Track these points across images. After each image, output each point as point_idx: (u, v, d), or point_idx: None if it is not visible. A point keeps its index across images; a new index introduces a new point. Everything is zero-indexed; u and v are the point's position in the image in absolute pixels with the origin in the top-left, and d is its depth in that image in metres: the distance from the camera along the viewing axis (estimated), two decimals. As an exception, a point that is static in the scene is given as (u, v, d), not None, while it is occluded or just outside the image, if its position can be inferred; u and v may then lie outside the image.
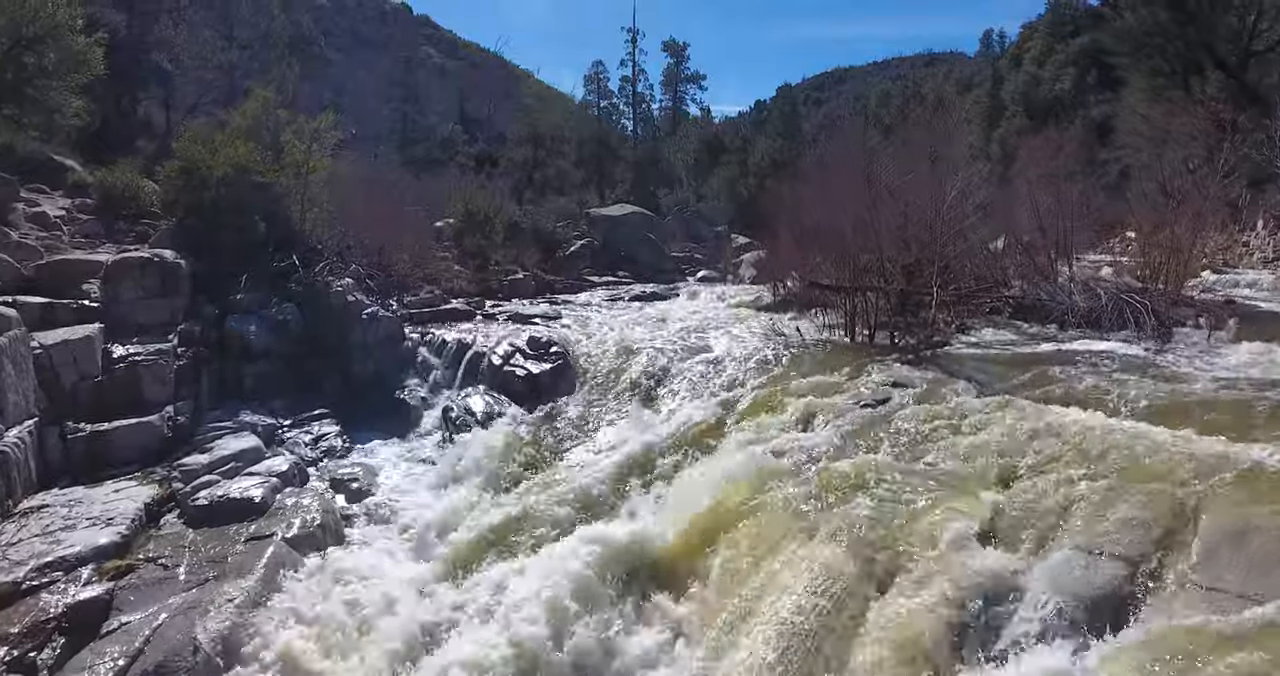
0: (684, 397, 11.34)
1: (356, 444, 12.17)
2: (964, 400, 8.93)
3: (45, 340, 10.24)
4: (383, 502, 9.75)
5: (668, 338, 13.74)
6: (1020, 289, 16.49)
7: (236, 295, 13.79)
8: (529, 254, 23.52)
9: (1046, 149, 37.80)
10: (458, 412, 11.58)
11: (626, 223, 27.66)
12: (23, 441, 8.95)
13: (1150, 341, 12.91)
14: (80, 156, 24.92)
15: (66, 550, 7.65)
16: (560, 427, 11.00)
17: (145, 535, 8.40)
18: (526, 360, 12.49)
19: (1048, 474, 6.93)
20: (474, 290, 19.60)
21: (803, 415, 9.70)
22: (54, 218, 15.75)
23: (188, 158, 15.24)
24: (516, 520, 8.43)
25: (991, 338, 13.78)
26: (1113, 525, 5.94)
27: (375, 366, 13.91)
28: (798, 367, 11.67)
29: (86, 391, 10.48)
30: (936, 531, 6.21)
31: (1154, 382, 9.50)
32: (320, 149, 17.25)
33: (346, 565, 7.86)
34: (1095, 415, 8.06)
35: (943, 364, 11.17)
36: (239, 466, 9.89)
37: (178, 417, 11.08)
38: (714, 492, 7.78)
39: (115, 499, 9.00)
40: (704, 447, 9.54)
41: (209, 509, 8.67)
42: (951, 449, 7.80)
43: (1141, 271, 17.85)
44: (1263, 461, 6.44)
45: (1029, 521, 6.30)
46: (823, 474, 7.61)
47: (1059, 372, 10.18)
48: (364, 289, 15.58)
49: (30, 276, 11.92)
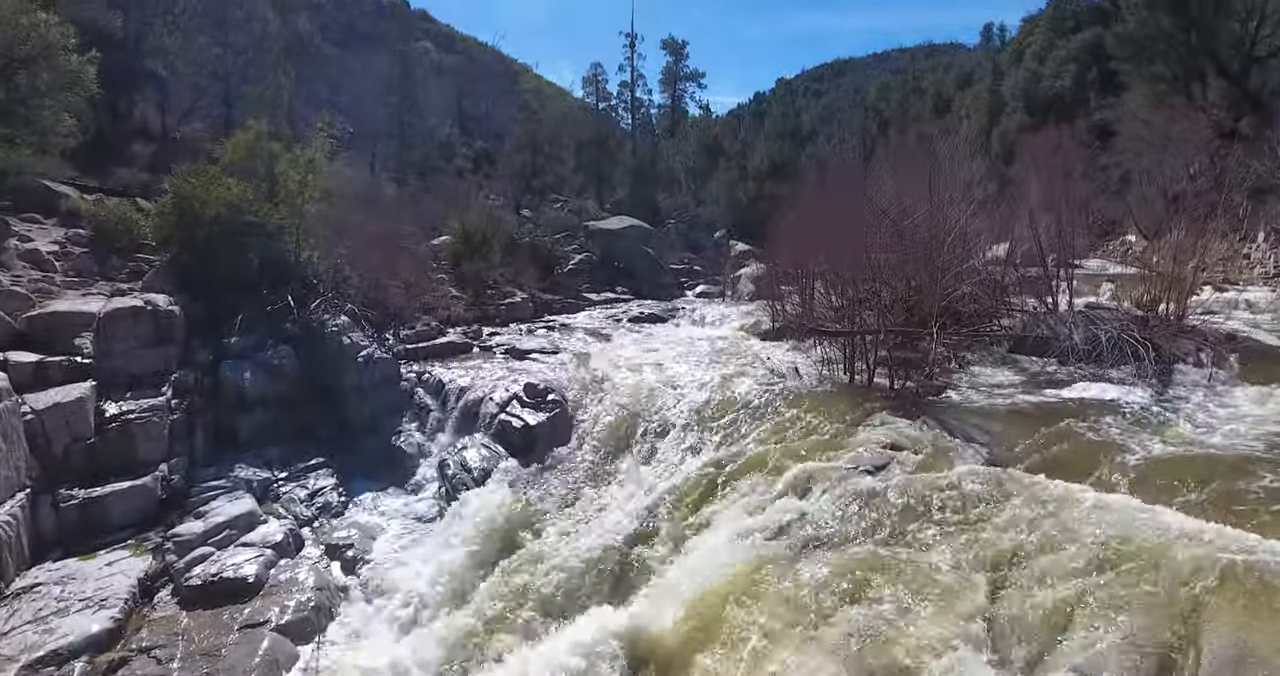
0: (681, 453, 11.24)
1: (352, 495, 12.15)
2: (962, 475, 8.83)
3: (37, 404, 10.15)
4: (378, 574, 9.70)
5: (664, 381, 13.63)
6: (1021, 322, 16.39)
7: (231, 338, 13.73)
8: (527, 273, 23.40)
9: (1047, 146, 37.64)
10: (454, 469, 11.51)
11: (624, 236, 27.51)
12: (14, 517, 8.90)
13: (1151, 384, 12.83)
14: (75, 168, 24.88)
15: (59, 641, 7.62)
16: (556, 488, 10.92)
17: (139, 617, 8.38)
18: (524, 408, 12.40)
19: (1046, 575, 6.86)
20: (471, 317, 19.50)
21: (801, 481, 9.60)
22: (46, 254, 15.59)
23: (181, 194, 15.13)
24: (506, 608, 8.39)
25: (991, 378, 13.67)
26: (1109, 646, 5.88)
27: (371, 410, 13.85)
28: (796, 421, 11.55)
29: (79, 454, 10.41)
30: (934, 646, 6.15)
31: (1155, 443, 9.46)
32: (315, 179, 17.11)
33: (337, 661, 7.79)
34: (1095, 496, 8.00)
35: (942, 418, 11.07)
36: (233, 535, 9.85)
37: (171, 477, 11.03)
38: (710, 582, 7.73)
39: (108, 574, 8.96)
40: (701, 520, 9.46)
41: (202, 589, 8.64)
42: (948, 539, 7.72)
43: (1143, 297, 17.74)
44: (1265, 562, 6.40)
45: (1025, 635, 6.24)
46: (819, 568, 7.54)
47: (1059, 430, 10.11)
48: (360, 325, 15.50)
49: (22, 330, 11.80)
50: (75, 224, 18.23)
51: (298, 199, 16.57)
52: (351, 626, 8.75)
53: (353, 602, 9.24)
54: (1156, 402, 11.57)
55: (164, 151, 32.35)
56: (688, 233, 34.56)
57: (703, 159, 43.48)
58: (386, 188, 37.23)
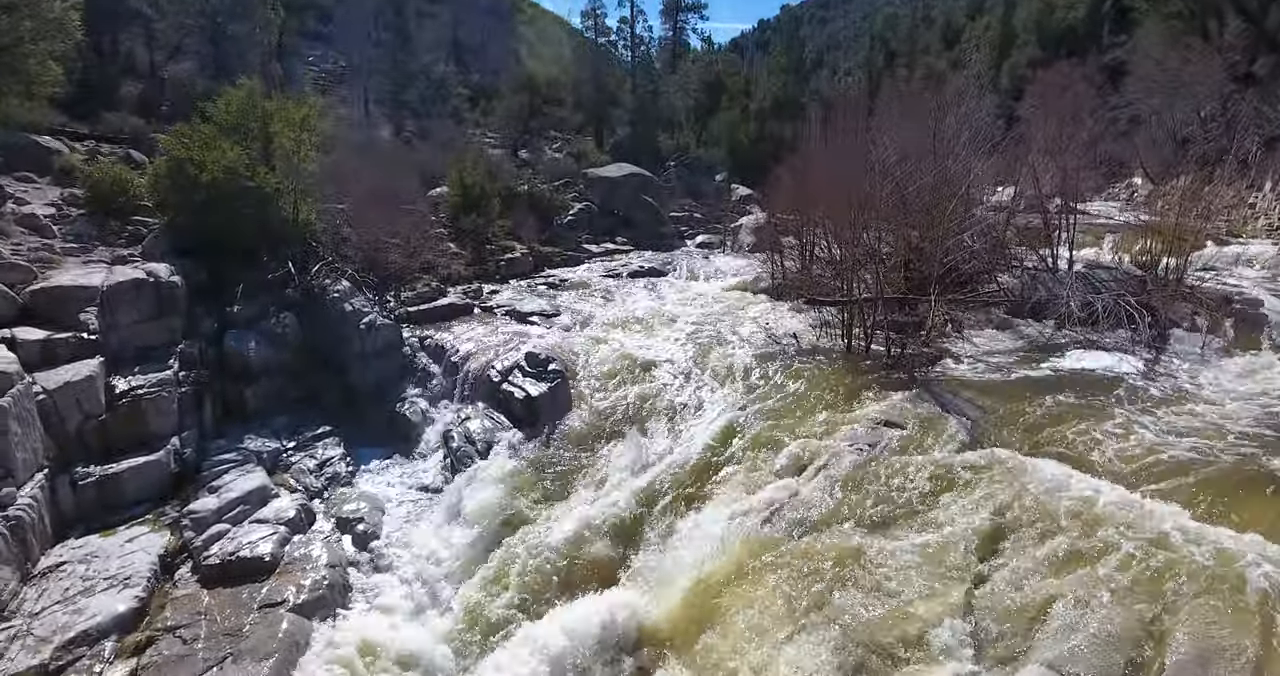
0: (680, 426, 11.49)
1: (360, 464, 12.48)
2: (951, 456, 9.08)
3: (48, 384, 10.34)
4: (388, 548, 10.11)
5: (663, 349, 13.80)
6: (1020, 282, 16.42)
7: (234, 306, 13.83)
8: (526, 225, 23.25)
9: (1057, 83, 36.76)
10: (458, 441, 11.79)
11: (624, 185, 27.20)
12: (35, 499, 9.20)
13: (1144, 352, 12.99)
14: (63, 112, 24.48)
15: (88, 622, 8.00)
16: (558, 460, 11.20)
17: (161, 595, 8.76)
18: (525, 378, 12.59)
19: (1027, 565, 7.17)
20: (471, 275, 19.53)
21: (796, 460, 9.88)
22: (44, 218, 15.52)
23: (176, 156, 14.98)
24: (512, 583, 8.79)
25: (987, 345, 13.82)
26: (1084, 640, 6.21)
27: (375, 377, 14.07)
28: (793, 394, 11.78)
29: (92, 431, 10.66)
30: (915, 641, 6.51)
31: (1142, 422, 9.69)
32: (310, 138, 16.89)
33: (352, 639, 8.21)
34: (1078, 478, 8.27)
35: (936, 391, 11.28)
36: (247, 510, 10.18)
37: (183, 450, 11.32)
38: (706, 565, 8.08)
39: (129, 552, 9.32)
40: (700, 496, 9.78)
41: (221, 568, 9.00)
42: (935, 523, 8.01)
43: (1142, 255, 17.73)
44: (1233, 554, 6.70)
45: (1004, 627, 6.58)
46: (811, 553, 7.86)
47: (1048, 408, 10.33)
48: (360, 289, 15.57)
49: (26, 304, 11.89)
50: (70, 183, 18.08)
51: (294, 158, 16.40)
52: (365, 602, 9.16)
53: (365, 577, 9.65)
54: (1147, 376, 11.76)
55: (152, 91, 31.75)
56: (688, 177, 34.10)
57: (704, 96, 42.51)
58: (381, 128, 36.60)
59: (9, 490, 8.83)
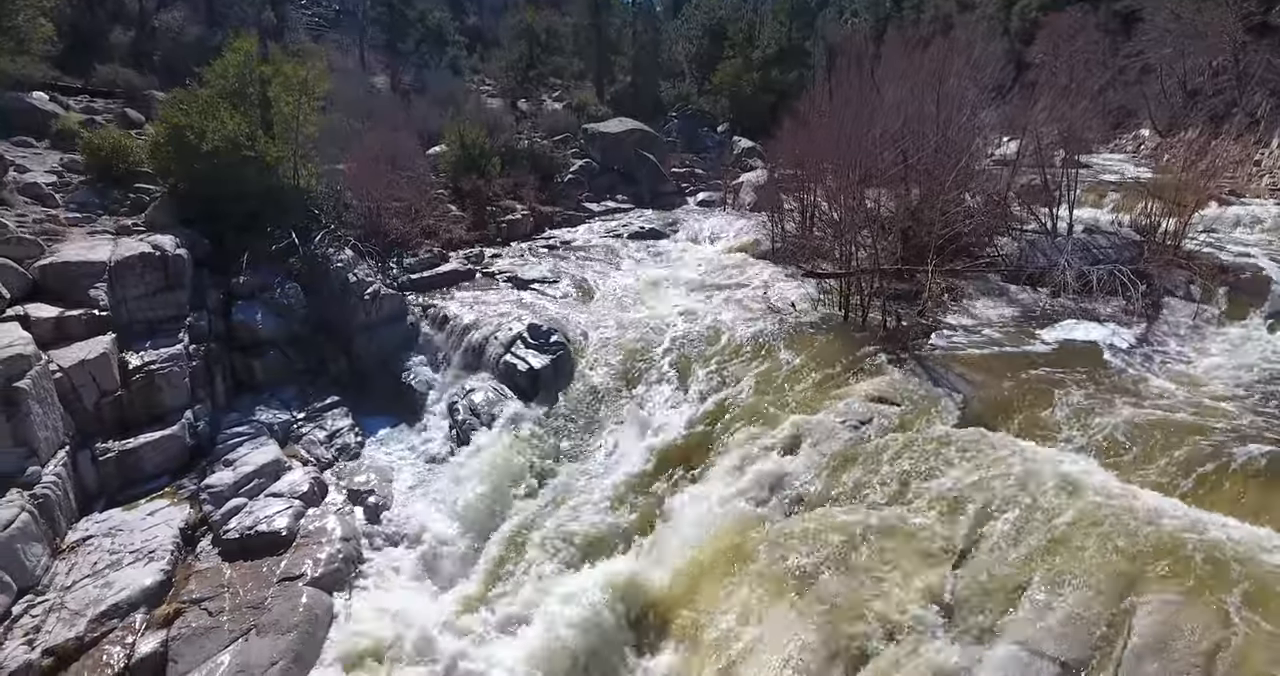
0: (678, 399, 11.79)
1: (368, 433, 12.87)
2: (939, 435, 9.39)
3: (63, 361, 10.62)
4: (398, 520, 10.55)
5: (663, 316, 14.03)
6: (1018, 248, 16.51)
7: (239, 278, 14.01)
8: (527, 184, 23.16)
9: (1068, 29, 35.86)
10: (463, 413, 12.13)
11: (625, 140, 26.92)
12: (60, 476, 9.59)
13: (1137, 323, 13.19)
14: (55, 65, 24.26)
15: (118, 595, 8.47)
16: (560, 432, 11.55)
17: (185, 568, 9.22)
18: (528, 350, 12.86)
19: (1007, 543, 7.55)
20: (472, 238, 19.61)
21: (789, 436, 10.20)
22: (46, 187, 15.56)
23: (175, 124, 14.93)
24: (518, 555, 9.23)
25: (982, 314, 14.03)
26: (1058, 620, 6.61)
27: (379, 347, 14.34)
28: (790, 366, 12.03)
29: (108, 407, 11.00)
30: (899, 617, 6.93)
31: (1126, 400, 9.98)
32: (309, 102, 16.78)
33: (368, 612, 8.70)
34: (1061, 458, 8.60)
35: (929, 365, 11.55)
36: (262, 483, 10.60)
37: (197, 423, 11.67)
38: (700, 544, 8.49)
39: (151, 525, 9.75)
40: (695, 473, 10.16)
41: (240, 542, 9.45)
42: (922, 502, 8.36)
43: (1142, 218, 17.77)
44: (1208, 540, 7.06)
45: (981, 606, 6.98)
46: (801, 531, 8.25)
47: (1037, 384, 10.62)
48: (363, 258, 15.73)
49: (36, 280, 12.09)
50: (69, 148, 18.03)
51: (293, 122, 16.34)
52: (379, 574, 9.62)
53: (378, 550, 10.11)
54: (1136, 350, 12.02)
55: (143, 41, 31.20)
56: (689, 130, 33.65)
57: (707, 43, 41.54)
58: (378, 76, 35.98)
59: (34, 469, 9.21)
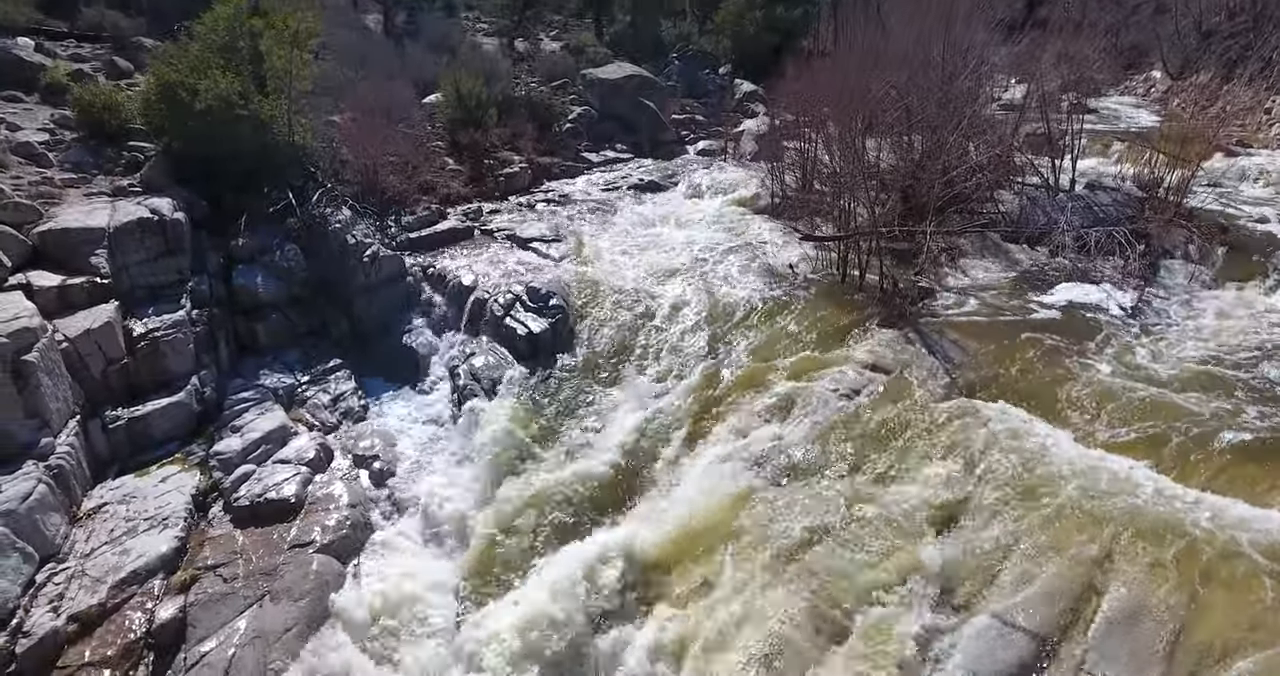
0: (675, 364, 11.96)
1: (371, 396, 13.12)
2: (930, 404, 9.60)
3: (68, 331, 10.77)
4: (403, 484, 10.88)
5: (662, 277, 14.10)
6: (1019, 205, 16.41)
7: (238, 240, 14.04)
8: (525, 133, 22.83)
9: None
10: (464, 378, 12.31)
11: (624, 87, 26.35)
12: (72, 446, 9.85)
13: (1134, 285, 13.24)
14: (38, 8, 23.77)
15: (136, 562, 8.82)
16: (560, 398, 11.75)
17: (199, 534, 9.56)
18: (527, 313, 12.96)
19: (991, 515, 7.84)
20: (470, 192, 19.43)
21: (784, 403, 10.43)
22: (39, 146, 15.43)
23: (166, 80, 14.72)
24: (521, 519, 9.59)
25: (979, 276, 14.09)
26: (1033, 593, 6.93)
27: (379, 309, 14.45)
28: (787, 331, 12.19)
29: (115, 375, 11.19)
30: (883, 592, 7.26)
31: (1116, 369, 10.16)
32: (303, 55, 16.48)
33: (376, 577, 9.08)
34: (1048, 430, 8.84)
35: (923, 330, 11.68)
36: (270, 450, 10.89)
37: (203, 389, 11.89)
38: (694, 514, 8.82)
39: (164, 491, 10.07)
40: (693, 436, 10.43)
41: (251, 510, 9.78)
42: (911, 473, 8.64)
43: (1146, 171, 17.61)
44: (1182, 515, 7.33)
45: (963, 578, 7.31)
46: (792, 501, 8.54)
47: (1030, 351, 10.78)
48: (361, 217, 15.71)
49: (36, 246, 12.14)
50: (59, 102, 17.79)
51: (286, 77, 16.07)
52: (385, 538, 9.98)
53: (384, 515, 10.46)
54: (1130, 314, 12.13)
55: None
56: (690, 73, 32.90)
57: (708, -22, 40.22)
58: (370, 15, 35.00)
59: (48, 440, 9.46)
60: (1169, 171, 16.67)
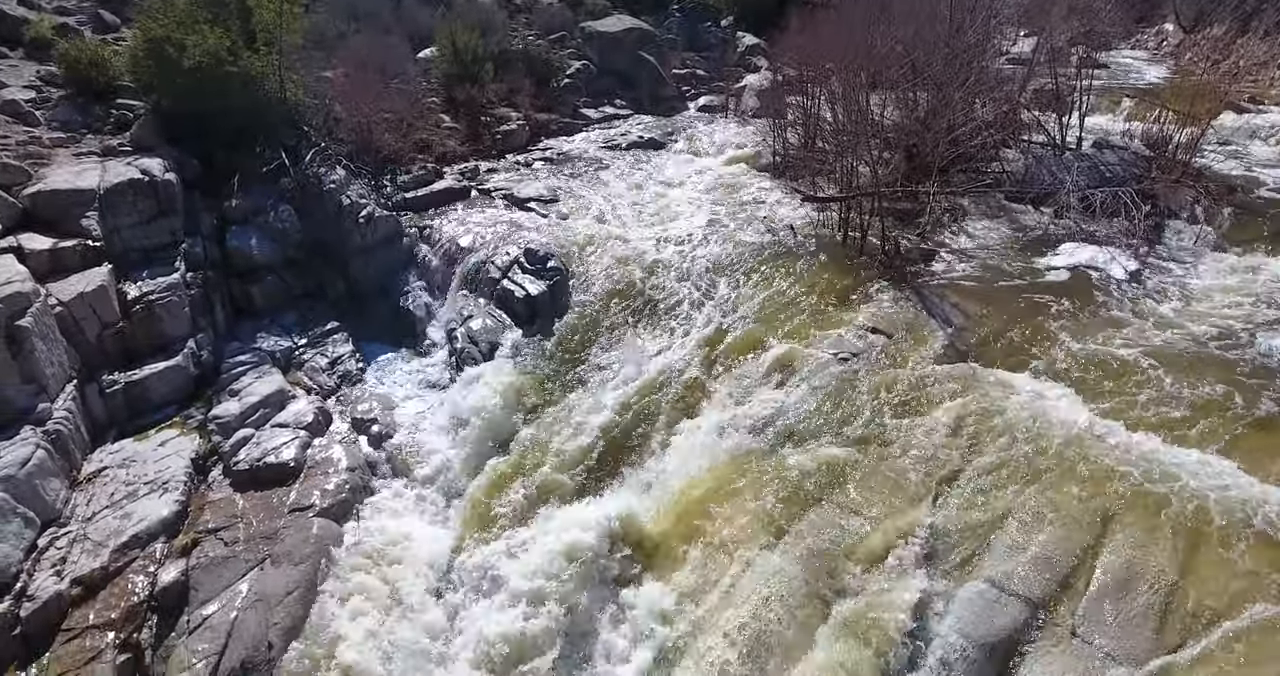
0: (673, 327, 11.88)
1: (368, 359, 13.10)
2: (928, 369, 9.54)
3: (62, 295, 10.68)
4: (402, 447, 10.90)
5: (661, 238, 13.93)
6: (1024, 165, 16.12)
7: (231, 201, 13.86)
8: (522, 89, 22.37)
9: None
10: (462, 341, 12.24)
11: (624, 41, 25.74)
12: (70, 411, 9.85)
13: (1138, 246, 13.05)
14: None
15: (137, 526, 8.89)
16: (557, 361, 11.68)
17: (199, 498, 9.62)
18: (525, 275, 12.84)
19: (986, 482, 7.85)
20: (467, 151, 19.13)
21: (782, 368, 10.37)
22: (26, 105, 15.12)
23: (153, 37, 14.35)
24: (517, 483, 9.66)
25: (982, 238, 13.89)
26: (1027, 560, 6.97)
27: (376, 270, 14.35)
28: (787, 293, 12.04)
29: (111, 339, 11.14)
30: (878, 557, 7.31)
31: (1117, 331, 10.07)
32: (293, 8, 16.05)
33: (376, 537, 9.17)
34: (1045, 396, 8.78)
35: (924, 292, 11.57)
36: (268, 413, 10.89)
37: (200, 352, 11.85)
38: (693, 477, 8.84)
39: (163, 455, 10.10)
40: (692, 402, 10.41)
41: (250, 473, 9.82)
42: (908, 438, 8.60)
43: (1154, 129, 17.27)
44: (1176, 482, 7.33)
45: (957, 544, 7.34)
46: (789, 466, 8.56)
47: (1031, 314, 10.67)
48: (356, 177, 15.47)
49: (27, 208, 11.96)
50: (45, 58, 17.39)
51: (276, 31, 15.69)
52: (383, 501, 10.06)
53: (383, 478, 10.52)
54: (1133, 277, 11.96)
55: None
56: (690, 26, 32.11)
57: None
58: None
59: (44, 406, 9.46)
60: (1178, 129, 16.33)
